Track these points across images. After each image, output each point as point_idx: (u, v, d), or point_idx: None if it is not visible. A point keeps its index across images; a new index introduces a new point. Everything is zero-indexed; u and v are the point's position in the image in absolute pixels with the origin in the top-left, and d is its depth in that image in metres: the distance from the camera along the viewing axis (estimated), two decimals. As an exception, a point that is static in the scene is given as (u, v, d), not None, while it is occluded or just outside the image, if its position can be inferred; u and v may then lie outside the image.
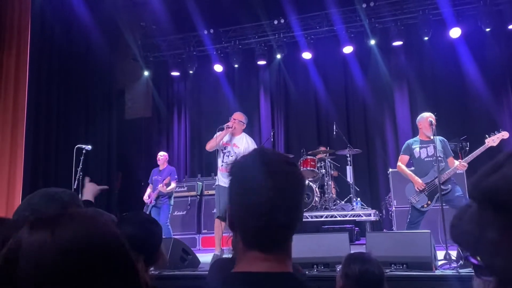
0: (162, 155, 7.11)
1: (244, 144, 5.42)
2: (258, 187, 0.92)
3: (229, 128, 5.43)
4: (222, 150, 5.59)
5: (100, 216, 0.72)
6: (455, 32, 7.83)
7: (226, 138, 5.49)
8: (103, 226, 0.71)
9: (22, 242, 0.66)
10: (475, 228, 0.39)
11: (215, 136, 5.55)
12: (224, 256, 4.84)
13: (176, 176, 6.98)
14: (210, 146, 5.55)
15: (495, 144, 4.61)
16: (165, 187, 6.59)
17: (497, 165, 0.38)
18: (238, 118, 5.53)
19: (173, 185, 6.82)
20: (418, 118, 5.04)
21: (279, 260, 0.94)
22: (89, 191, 2.26)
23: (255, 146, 5.45)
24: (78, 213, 0.71)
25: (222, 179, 5.33)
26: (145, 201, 6.80)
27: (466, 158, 4.73)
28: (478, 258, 0.40)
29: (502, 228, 0.37)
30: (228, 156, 5.42)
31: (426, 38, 7.93)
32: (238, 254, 0.97)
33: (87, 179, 2.43)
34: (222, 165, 5.49)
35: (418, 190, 4.79)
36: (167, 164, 7.12)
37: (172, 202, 6.84)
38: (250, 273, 0.92)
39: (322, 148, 7.80)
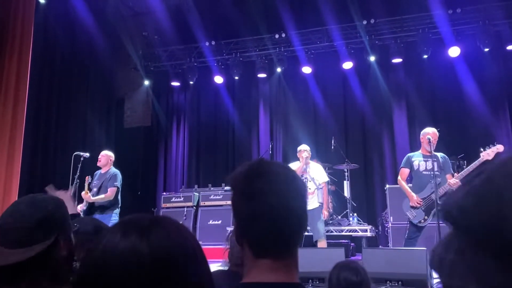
0: (102, 155, 5.89)
1: (315, 168, 6.07)
2: (260, 195, 0.94)
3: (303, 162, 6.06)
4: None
5: (183, 225, 0.75)
6: (454, 51, 7.91)
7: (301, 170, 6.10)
8: (190, 235, 0.72)
9: (111, 246, 0.65)
10: (442, 249, 0.38)
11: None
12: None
13: (115, 183, 5.59)
14: None
15: (490, 158, 4.61)
16: (89, 195, 5.47)
17: (467, 183, 0.37)
18: (305, 150, 6.04)
19: (108, 193, 5.49)
20: (422, 132, 5.10)
21: (287, 269, 0.95)
22: (67, 200, 2.07)
23: (322, 168, 6.16)
24: (169, 220, 0.72)
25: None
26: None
27: (461, 172, 4.74)
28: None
29: (458, 249, 0.36)
30: (306, 182, 5.83)
31: (425, 56, 8.01)
32: (246, 266, 0.98)
33: (50, 188, 2.05)
34: None
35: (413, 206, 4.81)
36: (111, 166, 5.86)
37: (114, 219, 5.40)
38: (259, 284, 0.93)
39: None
